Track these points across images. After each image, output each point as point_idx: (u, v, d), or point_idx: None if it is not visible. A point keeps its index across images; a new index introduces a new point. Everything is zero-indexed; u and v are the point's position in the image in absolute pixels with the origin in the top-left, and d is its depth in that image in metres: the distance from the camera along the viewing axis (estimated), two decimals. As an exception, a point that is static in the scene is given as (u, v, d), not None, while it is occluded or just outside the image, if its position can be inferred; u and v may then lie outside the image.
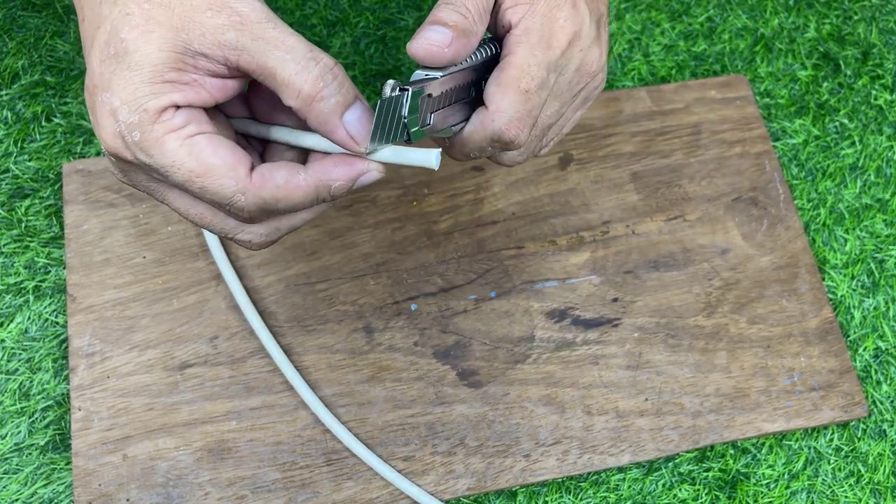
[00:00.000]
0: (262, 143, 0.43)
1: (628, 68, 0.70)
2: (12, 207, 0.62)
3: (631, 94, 0.68)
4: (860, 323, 0.63)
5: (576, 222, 0.63)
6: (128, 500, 0.54)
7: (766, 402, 0.59)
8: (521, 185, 0.64)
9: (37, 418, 0.57)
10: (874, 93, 0.71)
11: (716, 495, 0.57)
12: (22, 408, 0.57)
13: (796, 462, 0.59)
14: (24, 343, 0.58)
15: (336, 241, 0.61)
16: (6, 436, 0.56)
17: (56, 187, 0.62)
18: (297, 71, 0.37)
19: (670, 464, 0.58)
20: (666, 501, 0.57)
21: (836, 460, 0.59)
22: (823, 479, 0.58)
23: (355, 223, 0.62)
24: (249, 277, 0.60)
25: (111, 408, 0.56)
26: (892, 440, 0.60)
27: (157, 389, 0.56)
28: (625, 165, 0.65)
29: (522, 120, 0.40)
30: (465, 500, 0.56)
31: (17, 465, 0.55)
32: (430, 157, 0.39)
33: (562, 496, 0.57)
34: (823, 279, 0.64)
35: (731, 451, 0.59)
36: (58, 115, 0.65)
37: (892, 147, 0.69)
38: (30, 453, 0.56)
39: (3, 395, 0.57)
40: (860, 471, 0.59)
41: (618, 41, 0.71)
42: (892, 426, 0.60)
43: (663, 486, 0.57)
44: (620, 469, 0.58)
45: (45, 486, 0.55)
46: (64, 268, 0.60)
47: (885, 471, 0.59)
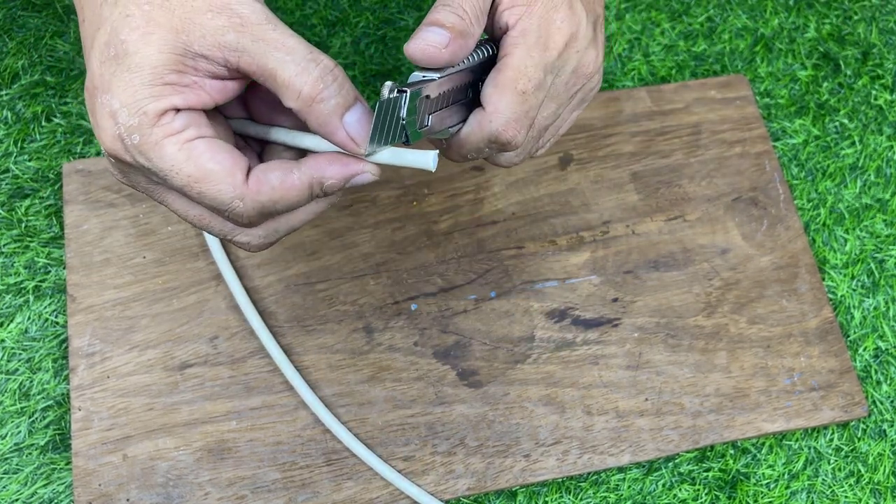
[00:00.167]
0: (260, 143, 0.43)
1: (628, 68, 0.70)
2: (12, 207, 0.62)
3: (631, 94, 0.68)
4: (860, 323, 0.63)
5: (576, 222, 0.63)
6: (128, 500, 0.54)
7: (766, 402, 0.59)
8: (521, 185, 0.64)
9: (37, 418, 0.57)
10: (874, 93, 0.70)
11: (716, 495, 0.57)
12: (22, 408, 0.57)
13: (796, 462, 0.59)
14: (24, 343, 0.58)
15: (336, 241, 0.61)
16: (6, 436, 0.56)
17: (56, 187, 0.62)
18: (298, 72, 0.37)
19: (670, 464, 0.58)
20: (666, 501, 0.57)
21: (836, 460, 0.59)
22: (823, 479, 0.58)
23: (355, 223, 0.62)
24: (249, 277, 0.60)
25: (111, 408, 0.56)
26: (892, 440, 0.60)
27: (157, 389, 0.56)
28: (625, 165, 0.65)
29: (520, 121, 0.40)
30: (465, 500, 0.56)
31: (17, 465, 0.55)
32: (428, 159, 0.39)
33: (562, 496, 0.57)
34: (823, 279, 0.64)
35: (731, 451, 0.59)
36: (58, 115, 0.65)
37: (892, 147, 0.69)
38: (30, 453, 0.56)
39: (3, 395, 0.57)
40: (860, 471, 0.59)
41: (618, 41, 0.71)
42: (892, 426, 0.60)
43: (663, 486, 0.57)
44: (620, 469, 0.58)
45: (45, 486, 0.55)
46: (64, 268, 0.60)
47: (885, 471, 0.59)
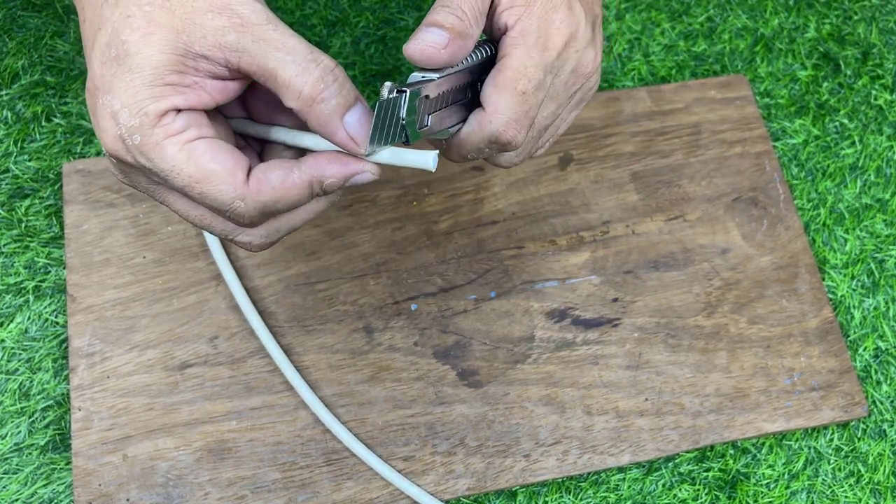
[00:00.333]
0: (260, 142, 0.43)
1: (628, 68, 0.70)
2: (12, 207, 0.62)
3: (631, 94, 0.68)
4: (860, 323, 0.63)
5: (576, 222, 0.63)
6: (128, 500, 0.54)
7: (766, 402, 0.59)
8: (521, 185, 0.64)
9: (37, 418, 0.57)
10: (874, 93, 0.70)
11: (716, 495, 0.57)
12: (22, 408, 0.57)
13: (796, 462, 0.59)
14: (24, 343, 0.58)
15: (336, 241, 0.61)
16: (6, 436, 0.56)
17: (56, 187, 0.62)
18: (298, 73, 0.37)
19: (670, 464, 0.58)
20: (666, 501, 0.57)
21: (836, 460, 0.59)
22: (823, 479, 0.58)
23: (355, 223, 0.62)
24: (249, 277, 0.60)
25: (111, 408, 0.56)
26: (892, 440, 0.60)
27: (157, 389, 0.56)
28: (625, 165, 0.65)
29: (520, 121, 0.40)
30: (465, 500, 0.56)
31: (17, 465, 0.55)
32: (428, 159, 0.39)
33: (562, 496, 0.57)
34: (823, 279, 0.64)
35: (731, 451, 0.59)
36: (58, 115, 0.65)
37: (892, 147, 0.69)
38: (30, 453, 0.56)
39: (3, 395, 0.57)
40: (860, 471, 0.59)
41: (618, 41, 0.71)
42: (892, 426, 0.60)
43: (663, 486, 0.57)
44: (620, 469, 0.58)
45: (45, 486, 0.55)
46: (64, 268, 0.60)
47: (885, 471, 0.59)
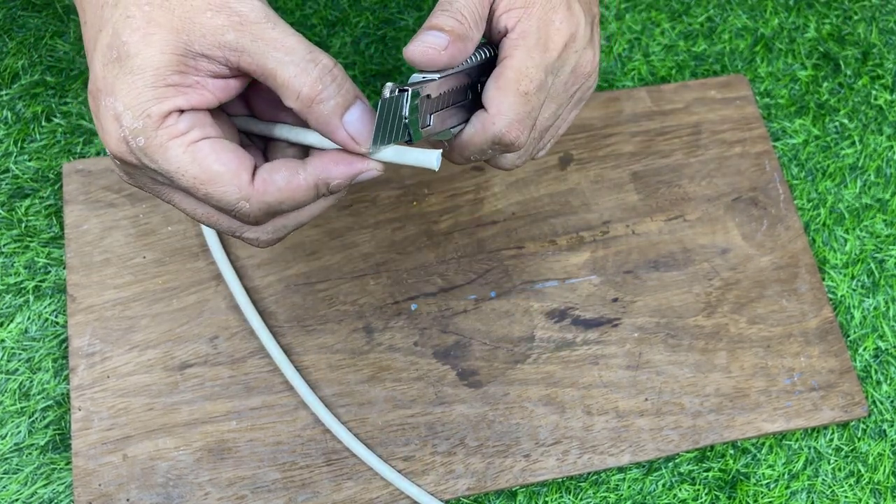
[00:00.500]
0: (264, 139, 0.43)
1: (628, 68, 0.70)
2: (12, 207, 0.62)
3: (631, 94, 0.68)
4: (860, 323, 0.63)
5: (576, 222, 0.63)
6: (128, 500, 0.54)
7: (766, 402, 0.59)
8: (521, 185, 0.64)
9: (37, 418, 0.57)
10: (874, 93, 0.70)
11: (716, 495, 0.57)
12: (22, 408, 0.57)
13: (796, 462, 0.59)
14: (24, 343, 0.58)
15: (336, 241, 0.61)
16: (6, 436, 0.56)
17: (56, 187, 0.62)
18: (297, 73, 0.37)
19: (670, 464, 0.58)
20: (666, 501, 0.57)
21: (836, 460, 0.59)
22: (823, 479, 0.58)
23: (355, 223, 0.62)
24: (249, 277, 0.60)
25: (111, 408, 0.56)
26: (892, 440, 0.60)
27: (157, 389, 0.56)
28: (625, 165, 0.65)
29: (523, 122, 0.40)
30: (465, 500, 0.56)
31: (17, 465, 0.55)
32: (432, 158, 0.39)
33: (562, 496, 0.57)
34: (823, 279, 0.64)
35: (731, 451, 0.59)
36: (58, 115, 0.65)
37: (892, 147, 0.69)
38: (30, 453, 0.56)
39: (3, 395, 0.57)
40: (860, 471, 0.59)
41: (618, 41, 0.71)
42: (892, 426, 0.60)
43: (663, 486, 0.57)
44: (620, 469, 0.58)
45: (45, 486, 0.55)
46: (64, 268, 0.60)
47: (885, 471, 0.59)
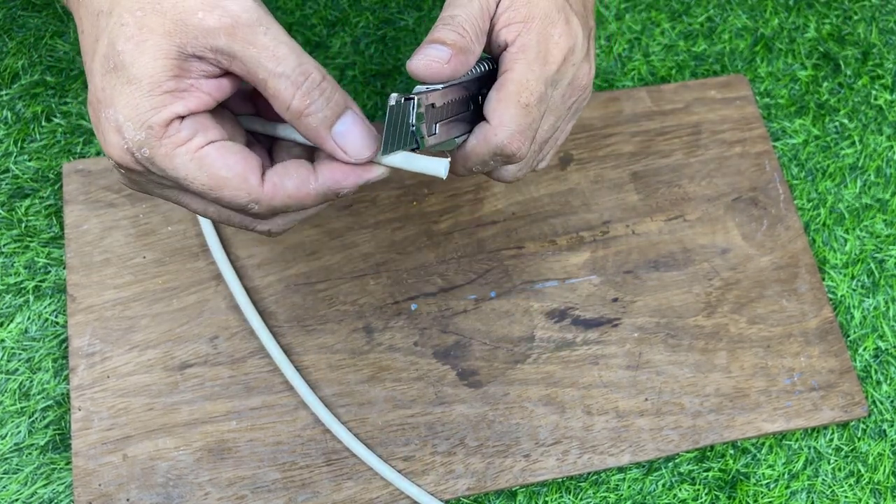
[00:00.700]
0: (269, 137, 0.44)
1: (628, 68, 0.70)
2: (12, 207, 0.62)
3: (631, 94, 0.68)
4: (860, 323, 0.63)
5: (576, 222, 0.63)
6: (128, 500, 0.54)
7: (766, 402, 0.59)
8: (521, 185, 0.64)
9: (37, 418, 0.57)
10: (874, 93, 0.71)
11: (716, 495, 0.57)
12: (22, 408, 0.57)
13: (796, 462, 0.59)
14: (24, 343, 0.58)
15: (336, 241, 0.61)
16: (6, 436, 0.56)
17: (56, 187, 0.62)
18: (286, 87, 0.37)
19: (670, 464, 0.58)
20: (666, 501, 0.57)
21: (836, 460, 0.59)
22: (823, 479, 0.58)
23: (355, 223, 0.62)
24: (249, 277, 0.60)
25: (111, 408, 0.56)
26: (892, 440, 0.60)
27: (157, 389, 0.56)
28: (625, 165, 0.65)
29: (524, 133, 0.41)
30: (465, 500, 0.56)
31: (17, 465, 0.55)
32: (440, 166, 0.40)
33: (562, 496, 0.57)
34: (823, 279, 0.64)
35: (731, 451, 0.59)
36: (58, 115, 0.65)
37: (892, 147, 0.69)
38: (30, 453, 0.56)
39: (3, 395, 0.57)
40: (860, 471, 0.59)
41: (618, 41, 0.71)
42: (892, 426, 0.60)
43: (663, 486, 0.57)
44: (620, 469, 0.58)
45: (45, 486, 0.55)
46: (64, 268, 0.60)
47: (885, 471, 0.59)
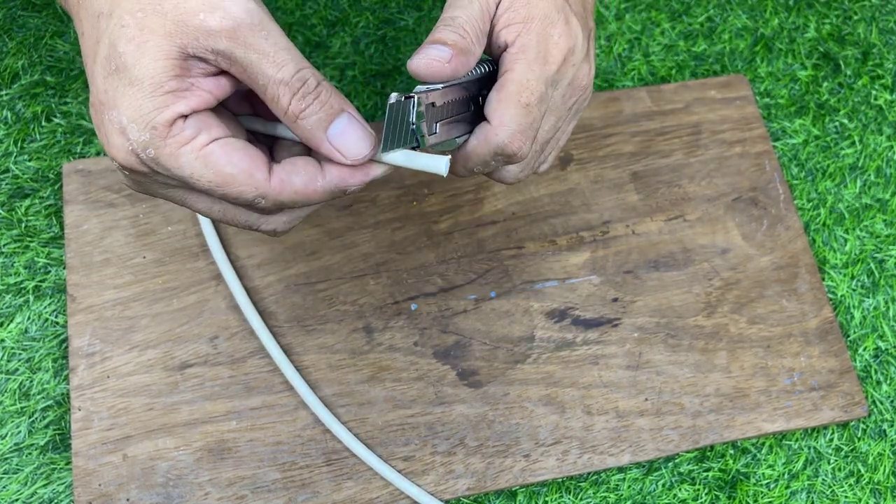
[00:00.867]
0: (269, 137, 0.44)
1: (628, 68, 0.70)
2: (12, 207, 0.62)
3: (631, 94, 0.68)
4: (860, 323, 0.63)
5: (576, 222, 0.63)
6: (128, 500, 0.54)
7: (766, 402, 0.59)
8: (521, 185, 0.64)
9: (37, 418, 0.57)
10: (874, 93, 0.71)
11: (716, 495, 0.57)
12: (22, 408, 0.57)
13: (796, 462, 0.59)
14: (24, 343, 0.58)
15: (336, 241, 0.61)
16: (6, 436, 0.56)
17: (56, 187, 0.62)
18: (284, 93, 0.38)
19: (670, 464, 0.58)
20: (666, 501, 0.57)
21: (836, 460, 0.59)
22: (823, 479, 0.58)
23: (355, 223, 0.62)
24: (249, 277, 0.60)
25: (111, 408, 0.56)
26: (892, 440, 0.60)
27: (157, 389, 0.56)
28: (625, 165, 0.65)
29: (525, 132, 0.41)
30: (465, 500, 0.56)
31: (17, 465, 0.55)
32: (440, 164, 0.40)
33: (562, 496, 0.57)
34: (823, 279, 0.64)
35: (731, 451, 0.59)
36: (58, 115, 0.65)
37: (892, 147, 0.69)
38: (30, 453, 0.56)
39: (3, 395, 0.57)
40: (860, 471, 0.59)
41: (618, 41, 0.71)
42: (892, 426, 0.60)
43: (663, 486, 0.57)
44: (620, 469, 0.58)
45: (45, 486, 0.55)
46: (64, 268, 0.60)
47: (885, 471, 0.59)
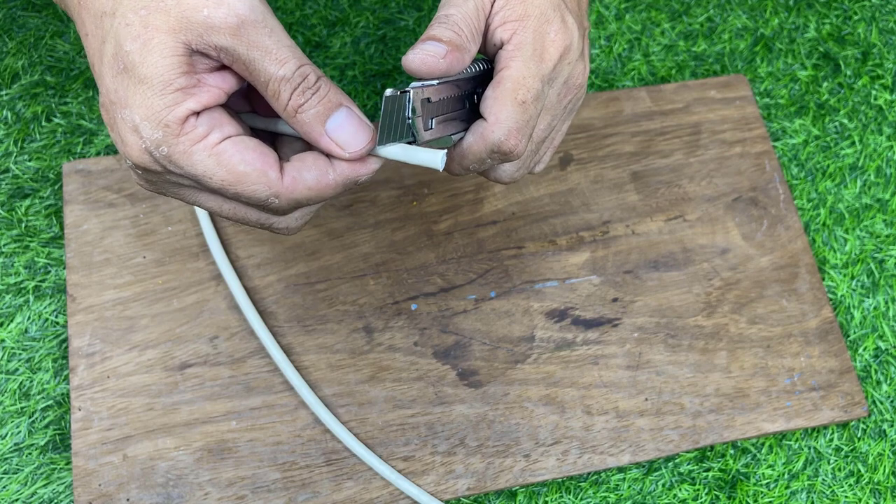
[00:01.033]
0: (271, 134, 0.44)
1: (628, 68, 0.70)
2: (12, 207, 0.62)
3: (631, 94, 0.68)
4: (860, 323, 0.63)
5: (576, 222, 0.63)
6: (128, 500, 0.54)
7: (766, 402, 0.59)
8: (520, 186, 0.64)
9: (37, 418, 0.57)
10: (874, 93, 0.70)
11: (716, 495, 0.57)
12: (22, 408, 0.57)
13: (796, 462, 0.59)
14: (24, 343, 0.58)
15: (336, 241, 0.61)
16: (6, 436, 0.56)
17: (56, 187, 0.62)
18: (285, 89, 0.38)
19: (670, 464, 0.58)
20: (666, 501, 0.57)
21: (836, 460, 0.59)
22: (823, 479, 0.58)
23: (355, 223, 0.62)
24: (249, 277, 0.60)
25: (111, 408, 0.56)
26: (892, 440, 0.60)
27: (157, 389, 0.56)
28: (625, 165, 0.65)
29: (521, 130, 0.41)
30: (465, 500, 0.56)
31: (17, 465, 0.55)
32: (437, 158, 0.40)
33: (562, 496, 0.57)
34: (823, 279, 0.64)
35: (731, 451, 0.59)
36: (58, 115, 0.65)
37: (892, 147, 0.69)
38: (30, 453, 0.56)
39: (3, 395, 0.57)
40: (860, 471, 0.59)
41: (618, 41, 0.71)
42: (892, 426, 0.60)
43: (663, 486, 0.57)
44: (620, 469, 0.58)
45: (45, 486, 0.55)
46: (64, 268, 0.60)
47: (885, 471, 0.59)
